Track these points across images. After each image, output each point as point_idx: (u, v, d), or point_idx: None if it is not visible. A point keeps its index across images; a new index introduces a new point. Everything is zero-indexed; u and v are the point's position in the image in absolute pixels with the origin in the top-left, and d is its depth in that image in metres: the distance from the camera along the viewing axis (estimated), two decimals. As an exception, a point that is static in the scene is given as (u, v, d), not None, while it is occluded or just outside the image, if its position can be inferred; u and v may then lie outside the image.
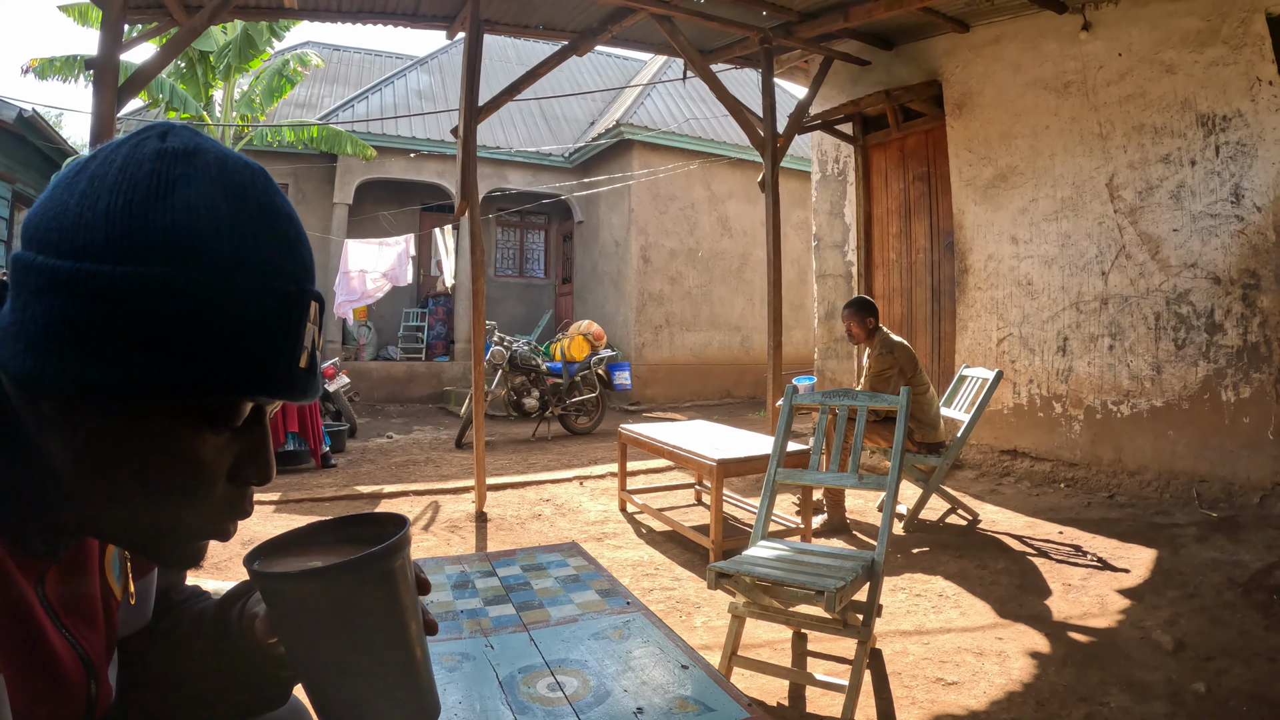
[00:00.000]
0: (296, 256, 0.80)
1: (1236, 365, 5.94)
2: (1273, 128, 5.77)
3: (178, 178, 0.73)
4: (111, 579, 0.94)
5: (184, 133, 0.78)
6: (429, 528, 6.14)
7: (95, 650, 0.86)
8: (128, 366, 0.70)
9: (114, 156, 0.74)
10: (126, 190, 0.71)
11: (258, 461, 0.83)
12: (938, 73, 8.30)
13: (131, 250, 0.70)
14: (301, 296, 0.79)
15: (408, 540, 0.90)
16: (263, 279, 0.75)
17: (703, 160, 15.49)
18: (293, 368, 0.79)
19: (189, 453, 0.77)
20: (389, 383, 15.59)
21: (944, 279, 8.47)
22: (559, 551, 2.42)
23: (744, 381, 15.96)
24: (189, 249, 0.71)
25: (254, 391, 0.76)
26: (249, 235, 0.75)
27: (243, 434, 0.82)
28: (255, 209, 0.77)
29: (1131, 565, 4.82)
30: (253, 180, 0.79)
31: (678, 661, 1.59)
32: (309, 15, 7.43)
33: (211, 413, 0.77)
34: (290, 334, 0.78)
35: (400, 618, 0.87)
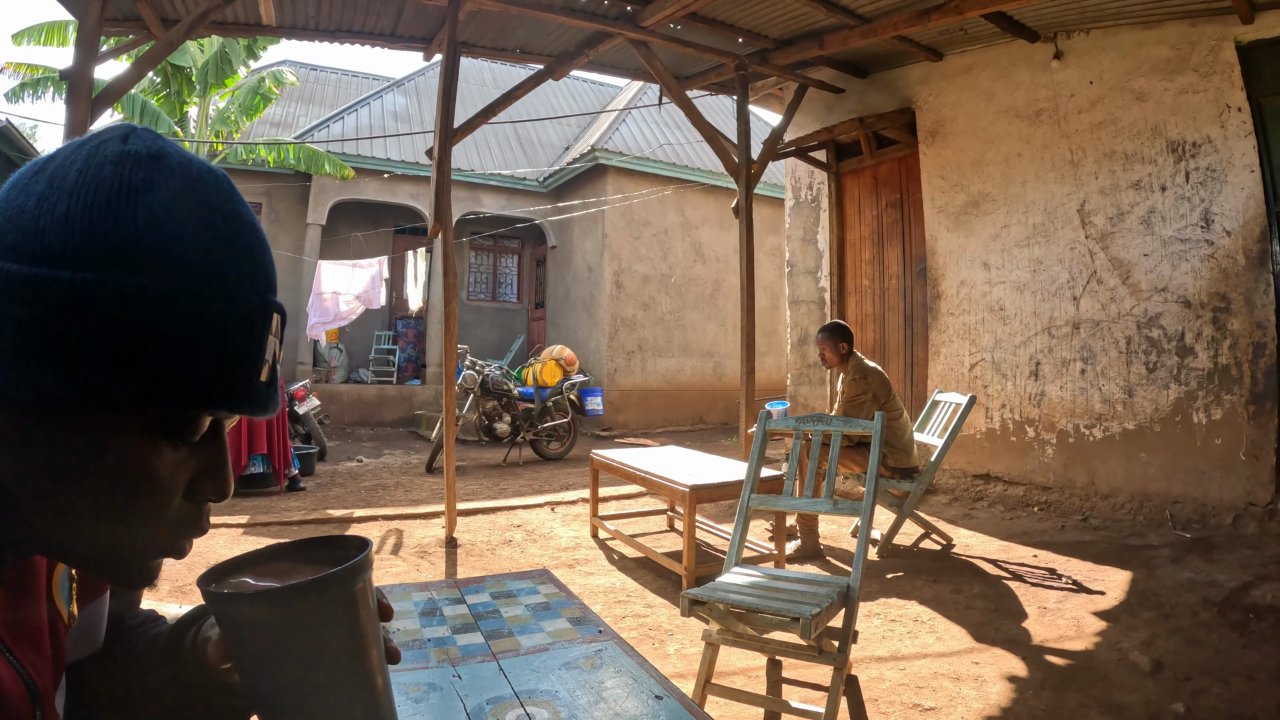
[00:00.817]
0: (259, 266, 0.77)
1: (1208, 387, 5.98)
2: (1242, 153, 5.84)
3: (140, 182, 0.70)
4: (60, 601, 0.89)
5: (146, 135, 0.75)
6: (398, 553, 6.05)
7: (41, 676, 0.81)
8: (85, 377, 0.66)
9: (74, 158, 0.71)
10: (87, 194, 0.68)
11: (215, 477, 0.80)
12: (911, 100, 8.35)
13: (90, 256, 0.66)
14: (264, 308, 0.76)
15: (369, 563, 0.86)
16: (224, 289, 0.72)
17: (677, 186, 15.54)
18: (254, 381, 0.76)
19: (145, 467, 0.73)
20: (360, 406, 15.47)
21: (917, 305, 8.49)
22: (529, 578, 2.37)
23: (717, 407, 15.95)
24: (149, 257, 0.68)
25: (214, 405, 0.73)
26: (211, 244, 0.72)
27: (200, 449, 0.78)
28: (218, 217, 0.74)
29: (1107, 587, 4.82)
30: (216, 187, 0.75)
31: (651, 692, 1.54)
32: (286, 33, 7.40)
33: (169, 426, 0.73)
34: (252, 346, 0.75)
35: (360, 644, 0.83)
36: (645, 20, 6.97)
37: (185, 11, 6.63)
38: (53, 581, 0.88)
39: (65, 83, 5.58)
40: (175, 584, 5.14)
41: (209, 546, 6.01)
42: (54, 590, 0.88)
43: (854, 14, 6.99)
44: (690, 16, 7.07)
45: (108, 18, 6.20)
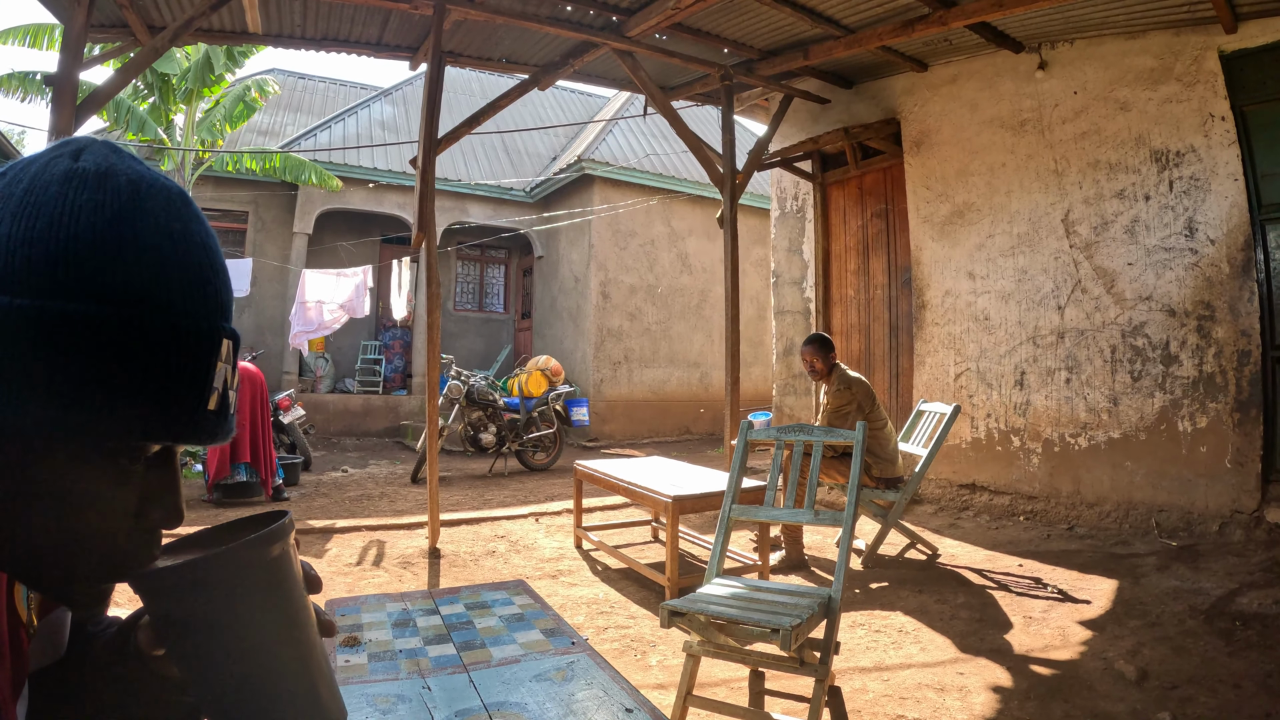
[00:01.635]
0: (208, 291, 0.74)
1: (1193, 395, 5.99)
2: (1225, 162, 5.86)
3: (84, 203, 0.68)
4: (21, 608, 0.86)
5: (99, 151, 0.73)
6: (380, 563, 6.00)
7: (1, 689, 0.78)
8: (19, 406, 0.64)
9: (21, 176, 0.69)
10: (29, 216, 0.66)
11: (164, 503, 0.78)
12: (896, 111, 8.36)
13: (29, 282, 0.64)
14: (211, 334, 0.74)
15: (287, 529, 0.82)
16: (166, 316, 0.70)
17: (663, 196, 15.54)
18: (199, 411, 0.73)
19: (89, 494, 0.71)
20: (345, 415, 15.40)
21: (902, 315, 8.49)
22: (505, 589, 2.34)
23: (703, 418, 15.92)
24: (90, 283, 0.66)
25: (158, 436, 0.71)
26: (155, 268, 0.70)
27: (149, 474, 0.76)
28: (165, 239, 0.71)
29: (1092, 596, 4.81)
30: (167, 206, 0.73)
31: (622, 705, 1.51)
32: (273, 41, 7.37)
33: (113, 454, 0.71)
34: (198, 376, 0.73)
35: (288, 613, 0.80)
36: (630, 30, 6.97)
37: (171, 18, 6.60)
38: (14, 589, 0.85)
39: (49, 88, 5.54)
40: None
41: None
42: (16, 598, 0.85)
43: (839, 25, 7.00)
44: (675, 27, 7.07)
45: (93, 24, 6.17)
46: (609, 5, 6.82)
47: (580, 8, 6.83)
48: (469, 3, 6.44)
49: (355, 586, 5.44)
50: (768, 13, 6.84)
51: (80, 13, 5.42)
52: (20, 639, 0.85)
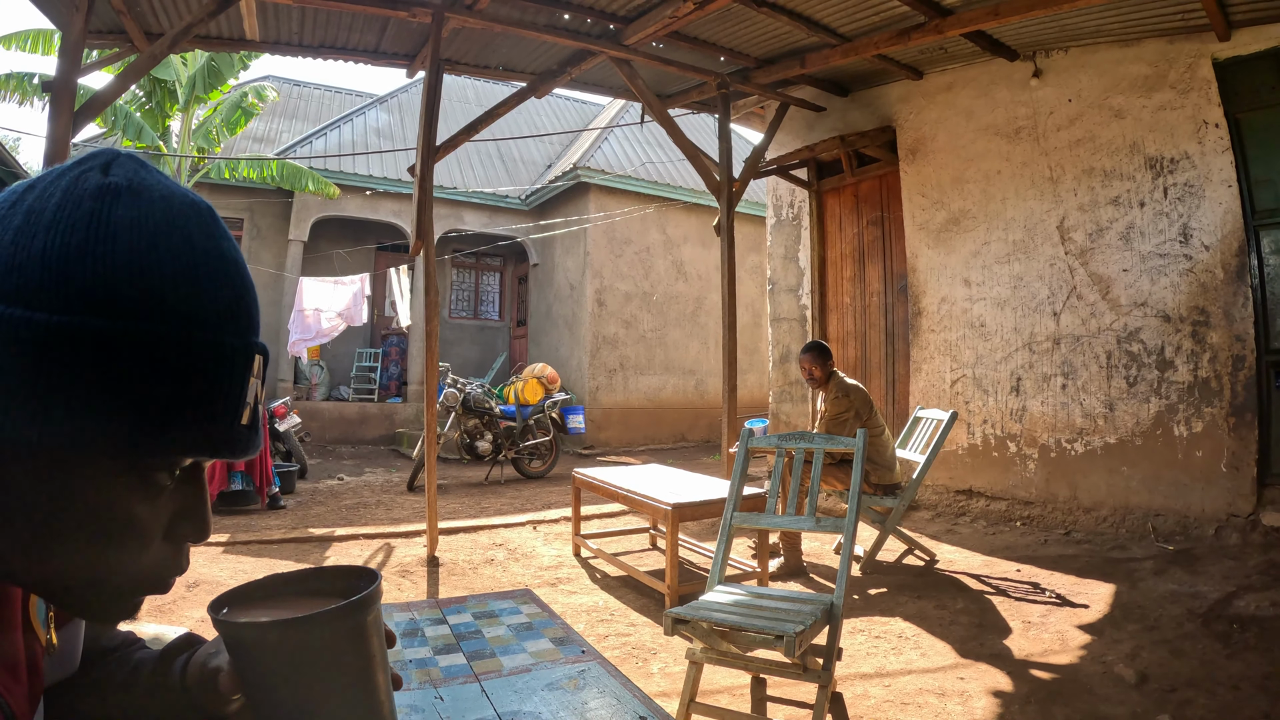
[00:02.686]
0: (241, 307, 0.75)
1: (1188, 400, 6.02)
2: (1219, 169, 5.90)
3: (120, 219, 0.68)
4: (37, 625, 0.86)
5: (128, 165, 0.73)
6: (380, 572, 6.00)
7: (18, 702, 0.78)
8: (58, 424, 0.64)
9: (53, 190, 0.69)
10: (64, 231, 0.66)
11: (194, 518, 0.78)
12: (892, 119, 8.40)
13: (67, 299, 0.64)
14: (245, 350, 0.74)
15: (380, 594, 0.87)
16: (204, 333, 0.70)
17: (659, 204, 15.55)
18: (234, 426, 0.74)
19: (122, 511, 0.71)
20: (341, 423, 15.38)
21: (898, 322, 8.51)
22: (512, 598, 2.35)
23: (699, 425, 15.93)
24: (128, 299, 0.66)
25: (194, 451, 0.71)
26: (192, 285, 0.70)
27: (179, 490, 0.77)
28: (200, 256, 0.72)
29: (1090, 600, 4.83)
30: (199, 223, 0.73)
31: (635, 713, 1.52)
32: (270, 48, 7.39)
33: (147, 470, 0.72)
34: (232, 391, 0.73)
35: (371, 671, 0.84)
36: (628, 39, 7.00)
37: (169, 25, 6.61)
38: (30, 605, 0.86)
39: (48, 94, 5.54)
40: (153, 603, 5.08)
41: (191, 565, 5.94)
42: (31, 616, 0.86)
43: (835, 33, 7.03)
44: (672, 35, 7.09)
45: (91, 30, 6.18)
46: (606, 13, 6.84)
47: (578, 16, 6.85)
48: (467, 10, 6.46)
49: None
50: (765, 21, 6.87)
51: (78, 19, 5.42)
52: (36, 656, 0.85)
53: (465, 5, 6.42)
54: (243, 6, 6.39)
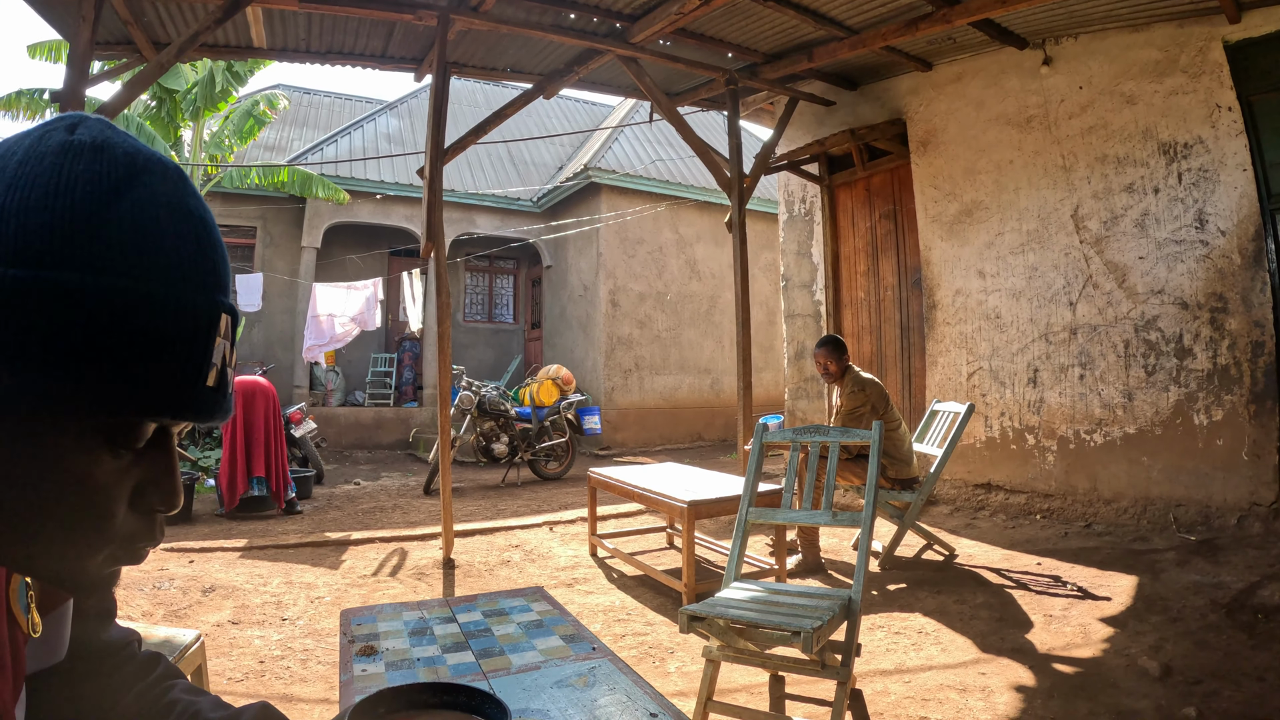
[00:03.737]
0: (207, 265, 0.72)
1: (1207, 388, 5.95)
2: (1234, 152, 5.84)
3: (79, 175, 0.65)
4: (18, 610, 0.85)
5: (95, 125, 0.70)
6: (396, 574, 6.01)
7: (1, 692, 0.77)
8: (16, 381, 0.62)
9: (15, 149, 0.67)
10: (23, 186, 0.64)
11: (162, 487, 0.75)
12: (902, 111, 8.35)
13: (23, 252, 0.62)
14: (210, 308, 0.71)
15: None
16: (167, 288, 0.68)
17: (670, 203, 15.53)
18: (198, 386, 0.71)
19: (86, 476, 0.68)
20: (356, 428, 15.41)
21: (913, 315, 8.47)
22: (522, 596, 2.32)
23: (714, 424, 15.90)
24: (85, 254, 0.64)
25: (156, 412, 0.69)
26: (153, 240, 0.67)
27: (146, 457, 0.74)
28: (164, 211, 0.69)
29: (1112, 593, 4.78)
30: (164, 179, 0.71)
31: (645, 709, 1.49)
32: (277, 55, 7.41)
33: (110, 433, 0.69)
34: (195, 350, 0.70)
35: None
36: (634, 37, 6.98)
37: (176, 33, 6.64)
38: (10, 590, 0.84)
39: (56, 104, 5.56)
40: (168, 608, 5.09)
41: (205, 570, 5.97)
42: (12, 600, 0.84)
43: (843, 26, 6.99)
44: (679, 32, 7.07)
45: (98, 40, 6.20)
46: (613, 12, 6.83)
47: (584, 15, 6.83)
48: (473, 13, 6.45)
49: (370, 598, 5.44)
50: (771, 15, 6.84)
51: (85, 29, 5.44)
52: (19, 643, 0.83)
53: (471, 7, 6.42)
54: (249, 14, 6.41)
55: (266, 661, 4.24)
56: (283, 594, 5.48)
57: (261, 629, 4.76)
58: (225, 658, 4.27)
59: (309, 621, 4.91)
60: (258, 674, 4.08)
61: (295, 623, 4.88)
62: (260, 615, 5.02)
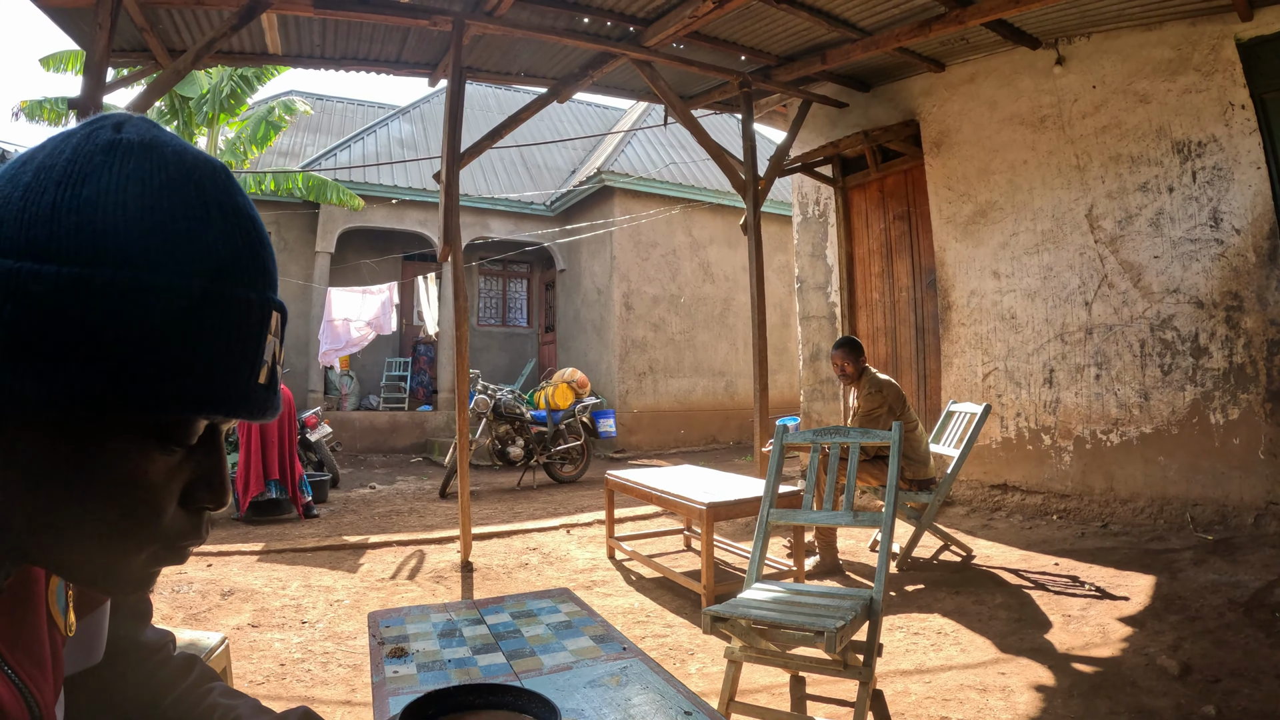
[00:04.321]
0: (258, 262, 0.73)
1: (1223, 387, 5.94)
2: (1247, 151, 5.83)
3: (131, 173, 0.66)
4: (56, 612, 0.85)
5: (140, 124, 0.71)
6: (414, 578, 6.03)
7: (42, 692, 0.78)
8: (71, 380, 0.62)
9: (63, 147, 0.67)
10: (74, 184, 0.64)
11: (211, 484, 0.76)
12: (915, 112, 8.36)
13: (77, 250, 0.63)
14: (263, 306, 0.72)
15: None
16: (220, 286, 0.68)
17: (684, 206, 15.54)
18: (251, 383, 0.72)
19: (138, 474, 0.69)
20: (371, 433, 15.45)
21: (927, 316, 8.47)
22: (549, 597, 2.34)
23: (729, 426, 15.90)
24: (140, 251, 0.64)
25: (210, 409, 0.69)
26: (206, 238, 0.68)
27: (196, 454, 0.75)
28: (215, 210, 0.70)
29: (1130, 593, 4.78)
30: (213, 178, 0.71)
31: (680, 708, 1.51)
32: (292, 61, 7.46)
33: (163, 431, 0.69)
34: (249, 347, 0.71)
35: None
36: (648, 40, 7.00)
37: (191, 41, 6.69)
38: (49, 591, 0.85)
39: (73, 111, 5.60)
40: (188, 610, 5.12)
41: (224, 574, 6.01)
42: (51, 604, 0.85)
43: (855, 27, 7.01)
44: (693, 35, 7.10)
45: (115, 48, 6.25)
46: (626, 16, 6.85)
47: (598, 19, 6.86)
48: (487, 18, 6.48)
49: (389, 601, 5.47)
50: (784, 18, 6.86)
51: (101, 37, 5.48)
52: (58, 645, 0.84)
53: (485, 12, 6.44)
54: (264, 20, 6.45)
55: (287, 664, 4.27)
56: (301, 597, 5.51)
57: (281, 632, 4.79)
58: (246, 661, 4.30)
59: (329, 624, 4.94)
60: (279, 677, 4.11)
61: (315, 626, 4.91)
62: (280, 618, 5.05)
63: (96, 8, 5.46)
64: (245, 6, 5.94)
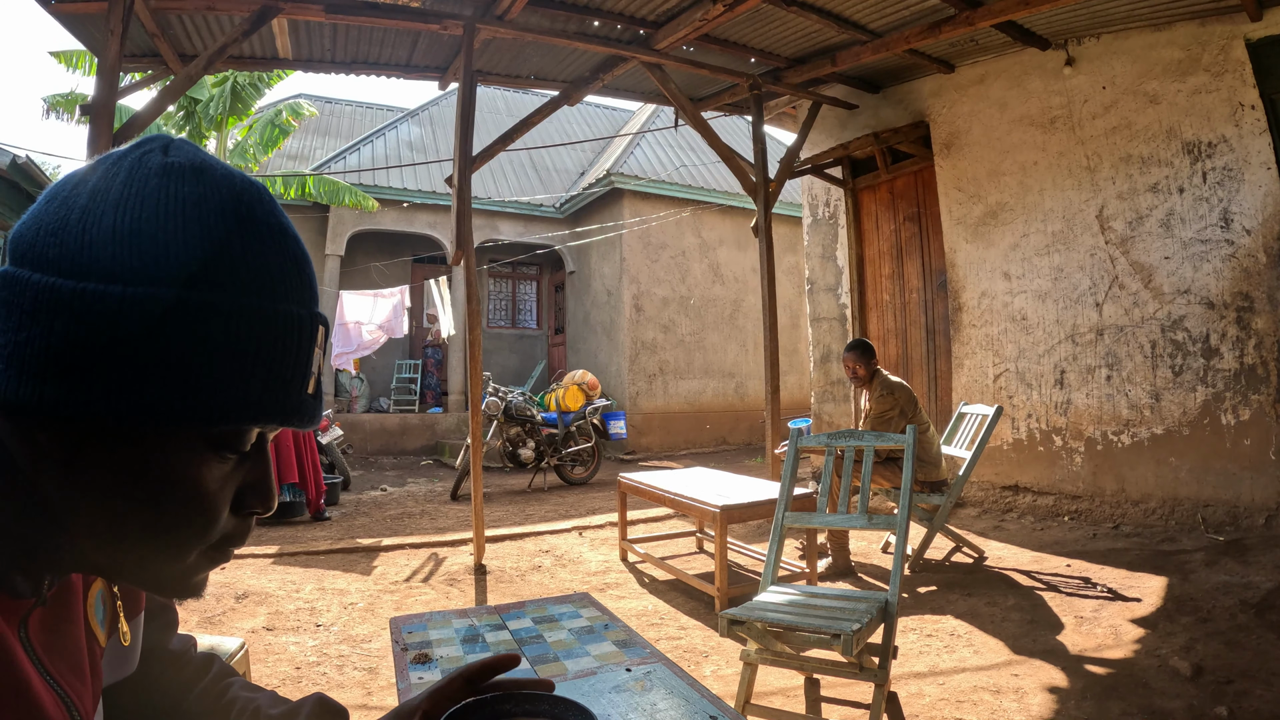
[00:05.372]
0: (304, 278, 0.77)
1: (1234, 388, 5.94)
2: (1258, 151, 5.83)
3: (187, 196, 0.70)
4: (95, 623, 0.88)
5: (186, 148, 0.75)
6: (428, 581, 6.06)
7: (82, 700, 0.80)
8: (134, 394, 0.66)
9: (116, 170, 0.71)
10: (134, 208, 0.68)
11: (260, 489, 0.80)
12: (925, 113, 8.36)
13: (141, 271, 0.66)
14: (310, 320, 0.76)
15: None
16: (273, 303, 0.72)
17: (693, 208, 15.55)
18: (302, 394, 0.76)
19: (195, 482, 0.73)
20: (382, 435, 15.50)
21: (938, 318, 8.47)
22: (570, 602, 2.36)
23: (739, 428, 15.90)
24: (200, 271, 0.68)
25: (265, 419, 0.73)
26: (259, 257, 0.72)
27: (247, 461, 0.79)
28: (264, 229, 0.74)
29: (1142, 594, 4.78)
30: (259, 199, 0.75)
31: (706, 713, 1.53)
32: (303, 65, 7.50)
33: (218, 440, 0.73)
34: (300, 360, 0.75)
35: None
36: (658, 43, 7.02)
37: (202, 46, 6.73)
38: (88, 603, 0.88)
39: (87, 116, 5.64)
40: (202, 614, 5.15)
41: (236, 577, 6.04)
42: (90, 616, 0.87)
43: (865, 29, 7.02)
44: (703, 38, 7.12)
45: (126, 54, 6.28)
46: (636, 19, 6.88)
47: (608, 22, 6.89)
48: (498, 21, 6.51)
49: (403, 604, 5.49)
50: (794, 20, 6.88)
51: (113, 43, 5.51)
52: (96, 656, 0.87)
53: (496, 16, 6.47)
54: (275, 25, 6.49)
55: (303, 668, 4.30)
56: (316, 600, 5.53)
57: (296, 635, 4.82)
58: (261, 664, 4.33)
59: (343, 628, 4.96)
60: (294, 680, 4.14)
61: (330, 629, 4.94)
62: (294, 621, 5.07)
63: (108, 14, 5.49)
64: (256, 12, 5.99)
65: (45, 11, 5.91)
